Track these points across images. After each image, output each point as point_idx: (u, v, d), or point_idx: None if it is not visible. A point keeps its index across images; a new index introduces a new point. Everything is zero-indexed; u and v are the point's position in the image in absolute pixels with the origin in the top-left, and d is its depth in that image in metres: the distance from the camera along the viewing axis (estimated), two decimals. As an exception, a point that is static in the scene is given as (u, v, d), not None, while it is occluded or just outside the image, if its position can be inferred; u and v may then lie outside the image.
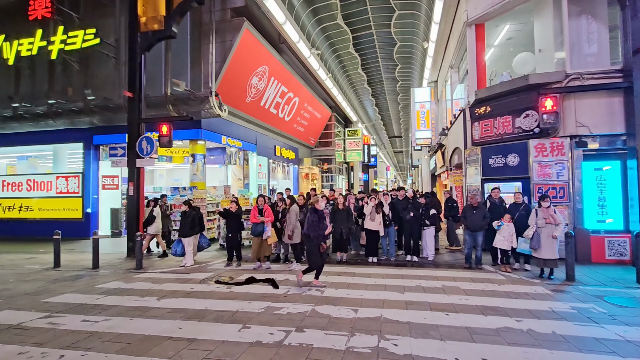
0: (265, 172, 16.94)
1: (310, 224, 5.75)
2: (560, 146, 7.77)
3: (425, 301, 4.89)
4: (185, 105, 11.06)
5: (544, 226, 6.26)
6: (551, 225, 6.24)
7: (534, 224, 6.38)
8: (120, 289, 5.87)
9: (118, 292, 5.71)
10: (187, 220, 7.74)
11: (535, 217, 6.39)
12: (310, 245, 5.81)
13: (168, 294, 5.48)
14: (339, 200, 7.75)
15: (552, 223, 6.23)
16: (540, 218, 6.32)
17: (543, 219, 6.29)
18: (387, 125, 40.29)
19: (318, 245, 5.70)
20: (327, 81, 18.61)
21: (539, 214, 6.37)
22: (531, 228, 6.39)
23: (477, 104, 9.43)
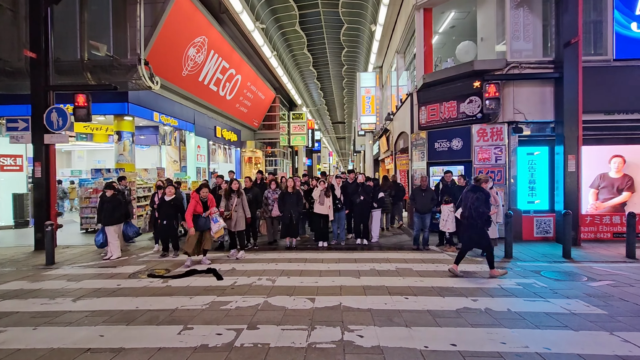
0: (205, 155, 15.66)
1: None
2: (499, 131, 8.20)
3: (383, 285, 4.73)
4: (108, 74, 9.46)
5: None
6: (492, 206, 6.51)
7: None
8: (22, 290, 4.76)
9: (19, 294, 4.61)
10: (110, 206, 6.63)
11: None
12: None
13: (87, 294, 4.56)
14: (289, 184, 7.29)
15: (493, 204, 6.49)
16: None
17: None
18: (331, 111, 40.36)
19: None
20: (272, 59, 17.67)
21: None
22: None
23: (424, 88, 9.55)
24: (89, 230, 9.71)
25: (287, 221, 7.26)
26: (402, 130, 11.84)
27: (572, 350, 2.89)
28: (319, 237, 7.71)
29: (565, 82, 7.46)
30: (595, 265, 5.84)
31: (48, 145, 7.95)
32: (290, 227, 7.28)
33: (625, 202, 8.11)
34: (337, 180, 7.86)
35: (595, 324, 3.43)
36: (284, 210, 7.24)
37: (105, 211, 6.65)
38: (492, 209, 6.43)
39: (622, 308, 3.85)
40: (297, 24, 17.51)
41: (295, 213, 7.22)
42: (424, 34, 9.87)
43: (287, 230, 7.36)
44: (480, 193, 5.23)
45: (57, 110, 7.84)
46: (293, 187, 7.30)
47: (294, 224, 7.31)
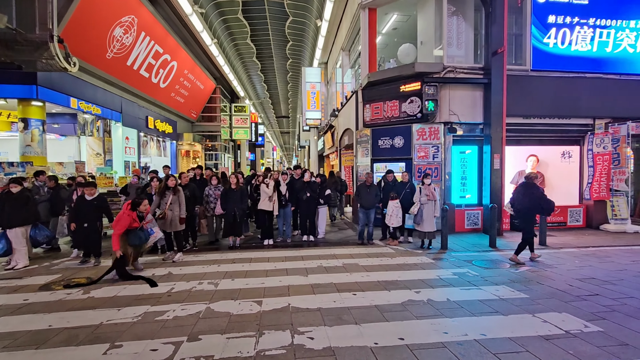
0: (135, 147, 14.23)
1: None
2: (436, 131, 8.72)
3: (331, 282, 4.69)
4: (10, 51, 7.95)
5: (426, 202, 6.95)
6: (432, 202, 6.96)
7: (418, 200, 6.99)
8: None
9: None
10: (16, 204, 5.63)
11: (419, 195, 7.00)
12: None
13: (-19, 313, 3.77)
14: (232, 180, 6.90)
15: (432, 199, 6.94)
16: (423, 195, 6.97)
17: (425, 195, 6.95)
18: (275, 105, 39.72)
19: None
20: (212, 47, 16.70)
21: (422, 191, 6.99)
22: (416, 205, 7.01)
23: (369, 86, 9.77)
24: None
25: (230, 219, 6.87)
26: (347, 127, 12.02)
27: (504, 335, 3.13)
28: (264, 235, 7.46)
29: (493, 87, 8.18)
30: (516, 253, 6.51)
31: None
32: (234, 226, 6.92)
33: (538, 196, 9.23)
34: (284, 176, 7.67)
35: (520, 307, 3.78)
36: (227, 207, 6.84)
37: (9, 210, 5.61)
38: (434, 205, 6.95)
39: (539, 291, 4.31)
40: (240, 12, 16.76)
41: (239, 211, 6.88)
42: (369, 33, 10.07)
43: (230, 229, 6.97)
44: (536, 189, 5.83)
45: (-62, 89, 6.39)
46: (237, 184, 6.92)
47: (238, 222, 6.96)
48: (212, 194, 7.20)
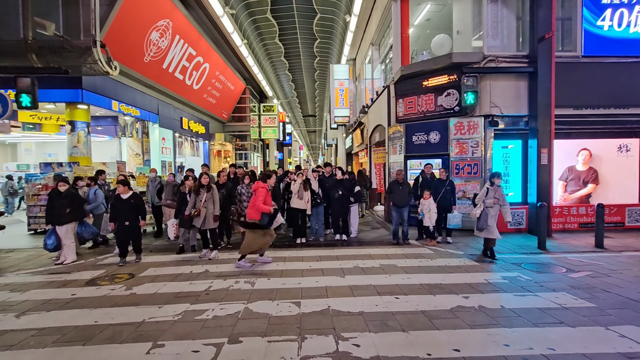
0: (171, 147, 14.71)
1: None
2: (476, 125, 8.24)
3: (369, 284, 4.49)
4: (58, 57, 8.39)
5: (492, 206, 5.86)
6: (497, 206, 5.92)
7: (481, 202, 5.88)
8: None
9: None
10: (64, 202, 5.89)
11: (485, 196, 5.85)
12: None
13: (34, 307, 3.92)
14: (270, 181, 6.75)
15: (498, 203, 5.88)
16: (490, 197, 5.80)
17: (494, 198, 5.85)
18: (302, 104, 39.85)
19: None
20: (242, 48, 16.90)
21: (489, 193, 5.82)
22: (478, 207, 5.87)
23: (402, 80, 9.42)
24: (38, 231, 8.71)
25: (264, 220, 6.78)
26: (378, 123, 11.70)
27: (576, 350, 2.79)
28: (297, 233, 7.36)
29: (539, 76, 7.59)
30: (569, 256, 5.98)
31: (-15, 135, 6.93)
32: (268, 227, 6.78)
33: (590, 193, 8.48)
34: (314, 174, 7.52)
35: (589, 318, 3.39)
36: None
37: (58, 208, 5.89)
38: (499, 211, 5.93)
39: (608, 300, 3.87)
40: (269, 12, 16.84)
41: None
42: (401, 25, 9.71)
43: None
44: None
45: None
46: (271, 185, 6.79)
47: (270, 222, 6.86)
48: (244, 192, 7.19)
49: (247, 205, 6.92)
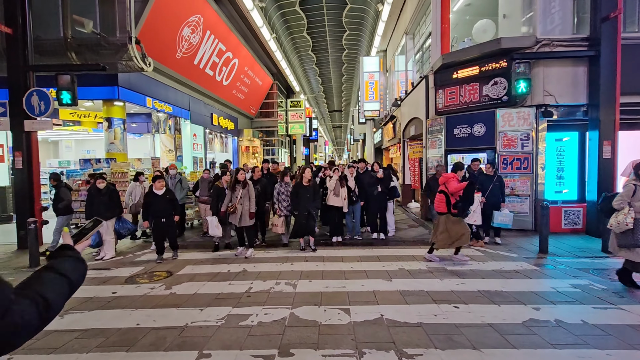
0: (202, 143, 14.83)
1: None
2: (527, 116, 7.57)
3: (421, 289, 4.12)
4: (95, 55, 8.55)
5: None
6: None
7: (626, 206, 4.08)
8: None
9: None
10: (104, 199, 5.91)
11: (632, 196, 4.08)
12: None
13: (77, 305, 3.87)
14: (305, 175, 6.30)
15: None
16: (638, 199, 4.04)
17: None
18: (328, 99, 39.45)
19: None
20: (271, 42, 16.73)
21: (638, 192, 4.06)
22: (626, 214, 4.01)
23: (442, 69, 8.85)
24: (78, 226, 8.94)
25: (303, 220, 6.18)
26: (413, 116, 11.16)
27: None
28: (333, 232, 7.06)
29: (602, 60, 6.83)
30: (642, 261, 5.30)
31: (29, 132, 7.11)
32: (308, 226, 6.22)
33: (658, 191, 7.58)
34: (350, 170, 7.15)
35: (695, 339, 2.87)
36: (299, 207, 6.17)
37: (98, 205, 5.90)
38: None
39: None
40: (298, 4, 16.54)
41: (313, 210, 6.26)
42: (442, 11, 9.12)
43: (301, 229, 6.25)
44: None
45: (38, 94, 6.99)
46: (309, 180, 6.27)
47: (311, 222, 6.29)
48: (284, 191, 6.67)
49: (286, 205, 6.53)
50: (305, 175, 6.18)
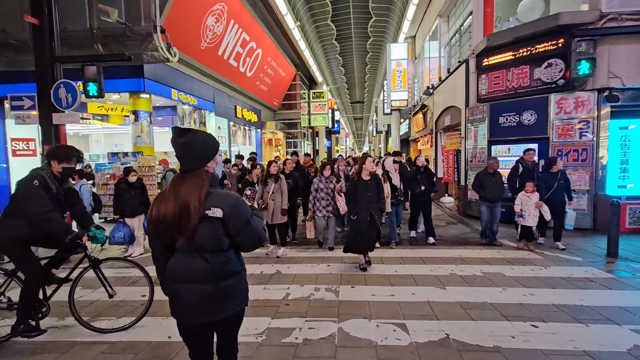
0: (226, 136, 14.61)
1: None
2: (586, 101, 6.74)
3: (484, 301, 3.58)
4: (120, 45, 8.36)
5: None
6: None
7: None
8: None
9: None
10: (136, 194, 5.71)
11: None
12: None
13: (104, 311, 3.60)
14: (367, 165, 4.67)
15: None
16: None
17: None
18: (350, 89, 38.61)
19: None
20: (295, 31, 16.20)
21: None
22: None
23: (486, 52, 8.07)
24: (107, 220, 8.90)
25: (363, 227, 4.49)
26: (449, 105, 10.40)
27: None
28: None
29: (684, 35, 5.90)
30: None
31: (58, 126, 6.98)
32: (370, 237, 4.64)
33: None
34: (395, 165, 6.38)
35: None
36: (359, 208, 4.56)
37: (132, 199, 5.70)
38: None
39: None
40: (323, -10, 15.89)
41: (377, 213, 4.63)
42: (485, -13, 8.29)
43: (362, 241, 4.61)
44: None
45: (65, 85, 6.82)
46: (370, 173, 4.69)
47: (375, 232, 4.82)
48: (323, 188, 5.67)
49: (325, 204, 5.63)
50: (366, 167, 4.60)
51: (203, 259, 1.62)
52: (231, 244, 1.69)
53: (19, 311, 2.87)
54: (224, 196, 1.68)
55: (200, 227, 1.59)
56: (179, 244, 1.63)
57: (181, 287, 1.64)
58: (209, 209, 1.61)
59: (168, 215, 1.60)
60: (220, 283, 1.64)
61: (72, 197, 3.14)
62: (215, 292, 1.63)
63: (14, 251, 2.88)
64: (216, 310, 1.64)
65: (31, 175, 2.81)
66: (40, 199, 2.72)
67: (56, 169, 2.93)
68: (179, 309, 1.66)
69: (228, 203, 1.64)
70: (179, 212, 1.59)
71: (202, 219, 1.60)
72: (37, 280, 2.93)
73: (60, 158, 2.92)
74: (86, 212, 3.33)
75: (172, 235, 1.62)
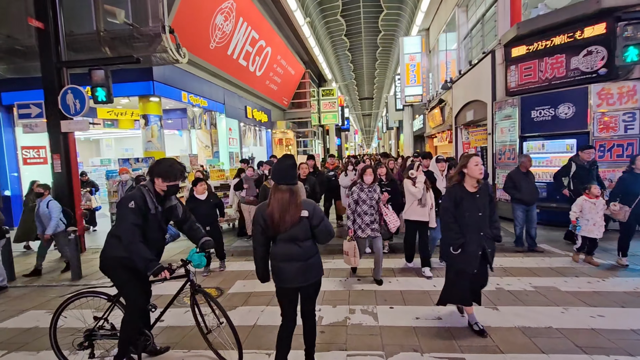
0: (237, 138, 14.30)
1: None
2: (632, 92, 6.16)
3: (548, 326, 3.12)
4: (128, 48, 8.03)
5: None
6: None
7: None
8: (36, 330, 3.52)
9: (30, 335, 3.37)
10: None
11: None
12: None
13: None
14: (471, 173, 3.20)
15: None
16: None
17: None
18: (359, 86, 38.00)
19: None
20: (305, 28, 15.78)
21: None
22: None
23: (515, 41, 7.51)
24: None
25: (472, 266, 3.03)
26: (472, 99, 9.84)
27: None
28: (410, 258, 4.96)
29: None
30: None
31: (66, 134, 6.71)
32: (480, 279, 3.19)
33: None
34: (440, 164, 4.99)
35: None
36: (465, 236, 3.03)
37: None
38: None
39: None
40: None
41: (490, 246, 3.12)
42: (512, -29, 7.72)
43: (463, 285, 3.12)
44: None
45: (73, 91, 6.54)
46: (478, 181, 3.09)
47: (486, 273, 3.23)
48: (366, 199, 4.31)
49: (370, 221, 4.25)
50: (472, 172, 3.00)
51: (297, 245, 2.34)
52: (312, 235, 2.37)
53: (119, 340, 2.61)
54: (307, 202, 2.39)
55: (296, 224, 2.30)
56: (281, 236, 2.33)
57: (284, 264, 2.35)
58: (302, 211, 2.31)
59: (275, 217, 2.29)
60: (308, 260, 2.36)
61: (172, 213, 2.78)
62: (305, 266, 2.35)
63: (115, 273, 2.61)
64: (305, 277, 2.35)
65: (131, 195, 2.51)
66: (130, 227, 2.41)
67: (160, 187, 2.59)
68: (283, 278, 2.36)
69: (311, 206, 2.37)
70: (285, 214, 2.28)
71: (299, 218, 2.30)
72: (138, 307, 2.63)
73: (164, 176, 2.55)
74: (195, 224, 2.92)
75: (276, 231, 2.32)
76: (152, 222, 2.57)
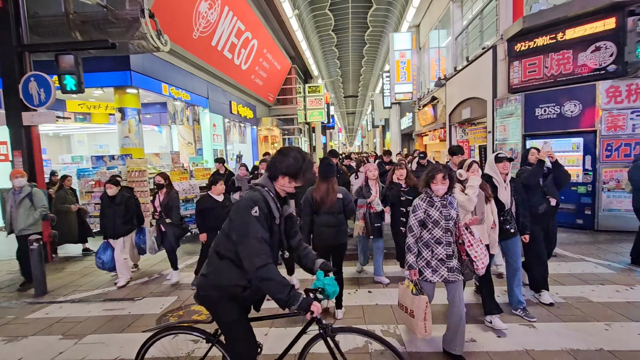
0: (221, 134, 13.57)
1: None
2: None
3: (598, 348, 2.74)
4: (102, 34, 7.16)
5: None
6: None
7: None
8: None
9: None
10: (118, 210, 4.64)
11: None
12: None
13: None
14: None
15: None
16: None
17: None
18: (344, 83, 37.65)
19: None
20: (293, 20, 15.17)
21: None
22: None
23: (519, 36, 7.25)
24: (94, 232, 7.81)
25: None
26: (468, 97, 9.58)
27: None
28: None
29: None
30: None
31: (29, 127, 5.89)
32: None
33: None
34: (502, 165, 3.31)
35: None
36: None
37: (110, 217, 4.66)
38: None
39: None
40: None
41: None
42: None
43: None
44: None
45: (36, 79, 5.74)
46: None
47: None
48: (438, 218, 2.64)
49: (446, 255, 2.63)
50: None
51: (334, 216, 3.42)
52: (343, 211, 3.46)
53: None
54: (340, 189, 3.48)
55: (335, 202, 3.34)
56: (323, 209, 3.40)
57: (325, 228, 3.40)
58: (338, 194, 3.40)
59: (323, 197, 3.37)
60: (340, 227, 3.45)
61: (292, 224, 2.02)
62: (338, 231, 3.43)
63: (223, 309, 1.88)
64: (337, 239, 3.43)
65: (252, 198, 1.76)
66: (258, 244, 1.68)
67: (286, 189, 1.86)
68: (323, 238, 3.42)
69: (343, 191, 3.49)
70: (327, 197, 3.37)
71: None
72: (249, 355, 1.96)
73: (295, 174, 1.80)
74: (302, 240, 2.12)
75: (320, 207, 3.40)
76: (275, 236, 1.85)
